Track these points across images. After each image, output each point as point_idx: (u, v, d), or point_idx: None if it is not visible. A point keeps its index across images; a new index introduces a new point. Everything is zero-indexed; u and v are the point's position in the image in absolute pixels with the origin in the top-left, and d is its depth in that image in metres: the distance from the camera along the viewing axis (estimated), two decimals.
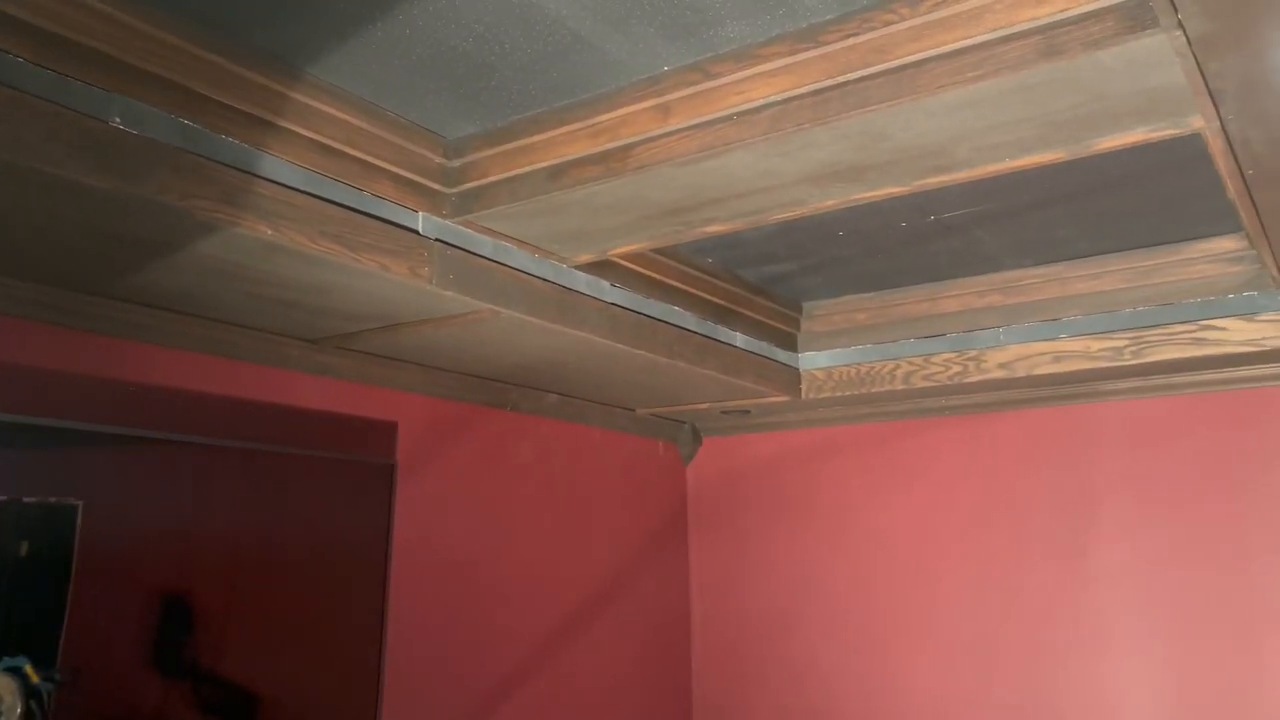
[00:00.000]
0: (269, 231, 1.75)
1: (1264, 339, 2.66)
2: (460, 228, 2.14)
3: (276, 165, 1.79)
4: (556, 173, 1.97)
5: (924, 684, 3.44)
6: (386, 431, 2.77)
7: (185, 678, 2.43)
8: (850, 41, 1.65)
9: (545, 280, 2.37)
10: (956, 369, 3.08)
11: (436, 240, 2.09)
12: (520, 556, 3.20)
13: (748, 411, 3.69)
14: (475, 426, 3.08)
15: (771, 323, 3.22)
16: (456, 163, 2.09)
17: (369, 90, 1.90)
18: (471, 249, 2.17)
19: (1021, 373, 2.97)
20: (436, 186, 2.08)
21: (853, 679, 3.58)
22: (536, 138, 1.98)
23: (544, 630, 3.25)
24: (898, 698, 3.48)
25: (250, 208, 1.73)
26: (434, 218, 2.08)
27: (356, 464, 2.67)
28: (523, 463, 3.25)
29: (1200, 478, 3.08)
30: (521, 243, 2.28)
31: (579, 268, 2.47)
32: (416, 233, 2.05)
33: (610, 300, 2.58)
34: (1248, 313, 2.67)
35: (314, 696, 2.68)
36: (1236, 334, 2.69)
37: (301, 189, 1.83)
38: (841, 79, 1.66)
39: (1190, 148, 2.08)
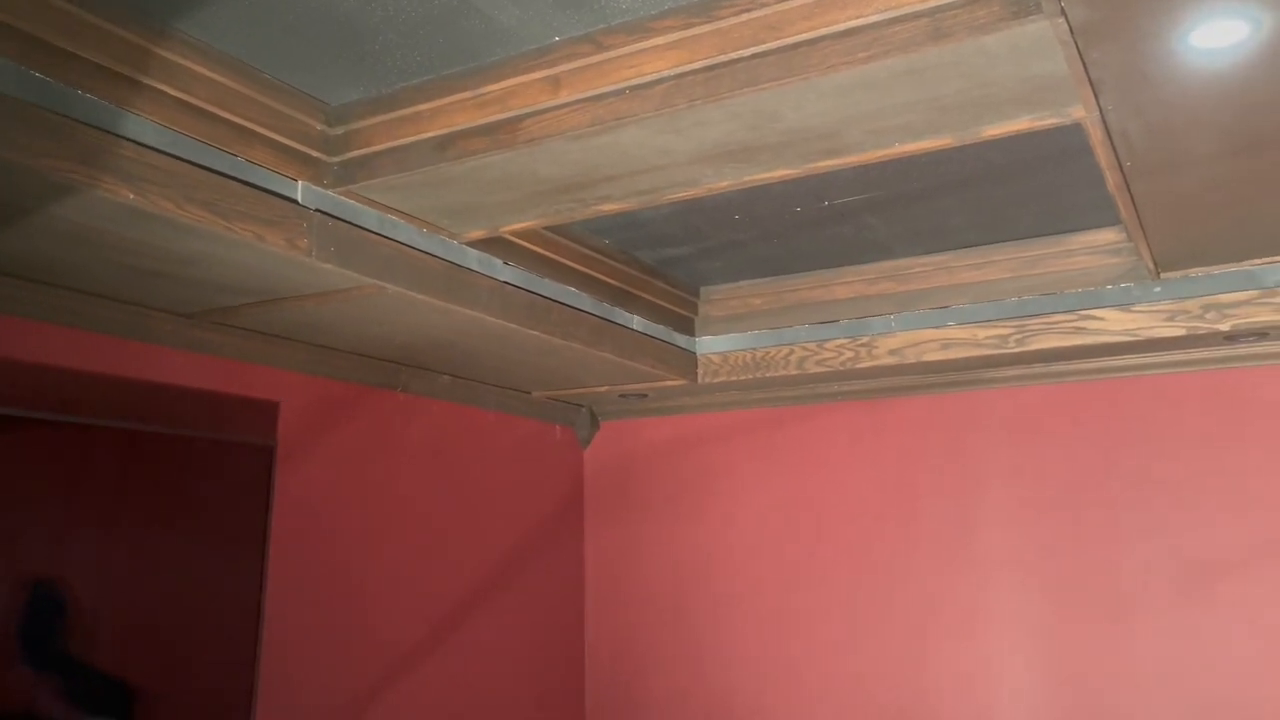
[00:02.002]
0: (131, 195, 1.64)
1: (1139, 329, 2.75)
2: (342, 198, 2.06)
3: (140, 125, 1.69)
4: (444, 144, 1.91)
5: (816, 665, 3.49)
6: (267, 411, 2.66)
7: (55, 669, 2.31)
8: (744, 17, 1.63)
9: (434, 256, 2.30)
10: (849, 355, 3.12)
11: (316, 211, 2.00)
12: (410, 542, 3.12)
13: (645, 395, 3.67)
14: (363, 407, 2.99)
15: (669, 306, 3.21)
16: (339, 130, 2.01)
17: (244, 50, 1.80)
18: (355, 221, 2.08)
19: (911, 359, 3.02)
20: (317, 155, 2.00)
21: (746, 661, 3.60)
22: (423, 107, 1.91)
23: (434, 617, 3.18)
24: (790, 679, 3.52)
25: (110, 169, 1.62)
26: (314, 187, 2.00)
27: (234, 445, 2.56)
28: (413, 446, 3.17)
29: (1077, 463, 3.19)
30: (409, 216, 2.20)
31: (470, 244, 2.40)
32: (295, 202, 1.96)
33: (503, 279, 2.52)
34: (1124, 303, 2.76)
35: (189, 687, 2.58)
36: (1114, 324, 2.78)
37: (168, 151, 1.72)
38: (734, 55, 1.64)
39: (1074, 139, 2.13)
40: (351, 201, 2.08)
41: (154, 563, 2.48)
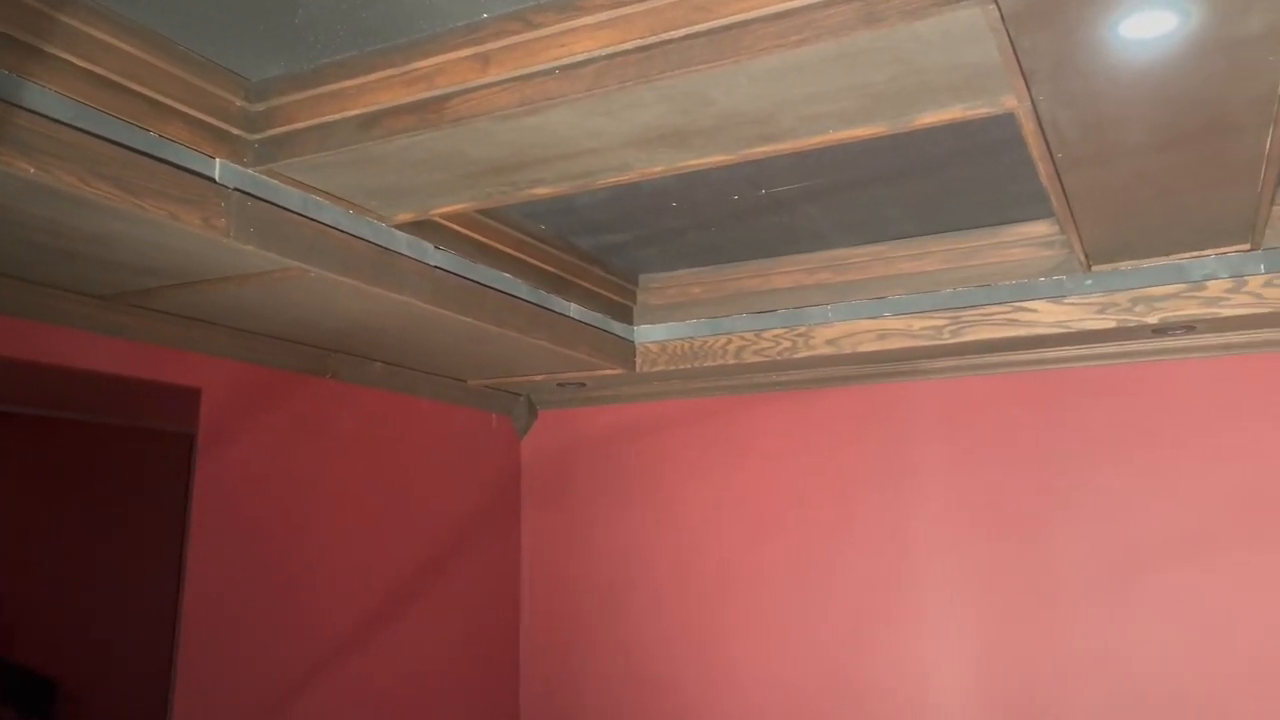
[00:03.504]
0: (31, 169, 1.56)
1: (1070, 321, 2.78)
2: (264, 177, 1.99)
3: (42, 96, 1.60)
4: (369, 122, 1.85)
5: (751, 654, 3.49)
6: (187, 398, 2.57)
7: None
8: None
9: (361, 239, 2.23)
10: (786, 344, 3.11)
11: (235, 190, 1.92)
12: (340, 533, 3.05)
13: (584, 384, 3.64)
14: (291, 395, 2.91)
15: (607, 294, 3.17)
16: (260, 106, 1.93)
17: (159, 21, 1.72)
18: (276, 201, 2.01)
19: (848, 349, 3.02)
20: (237, 131, 1.92)
21: (681, 651, 3.59)
22: (347, 83, 1.85)
23: (364, 608, 3.12)
24: (726, 667, 3.52)
25: (8, 141, 1.54)
26: (233, 165, 1.92)
27: (152, 433, 2.47)
28: (344, 434, 3.10)
29: (1010, 454, 3.22)
30: (334, 197, 2.14)
31: (399, 227, 2.34)
32: (213, 180, 1.88)
33: (434, 263, 2.46)
34: (1056, 296, 2.79)
35: (107, 681, 2.50)
36: (1046, 316, 2.80)
37: (72, 124, 1.64)
38: (665, 36, 1.61)
39: (1009, 130, 2.14)
40: (273, 181, 2.01)
41: (69, 554, 2.40)
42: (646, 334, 3.33)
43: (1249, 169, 2.03)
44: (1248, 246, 2.56)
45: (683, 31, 1.59)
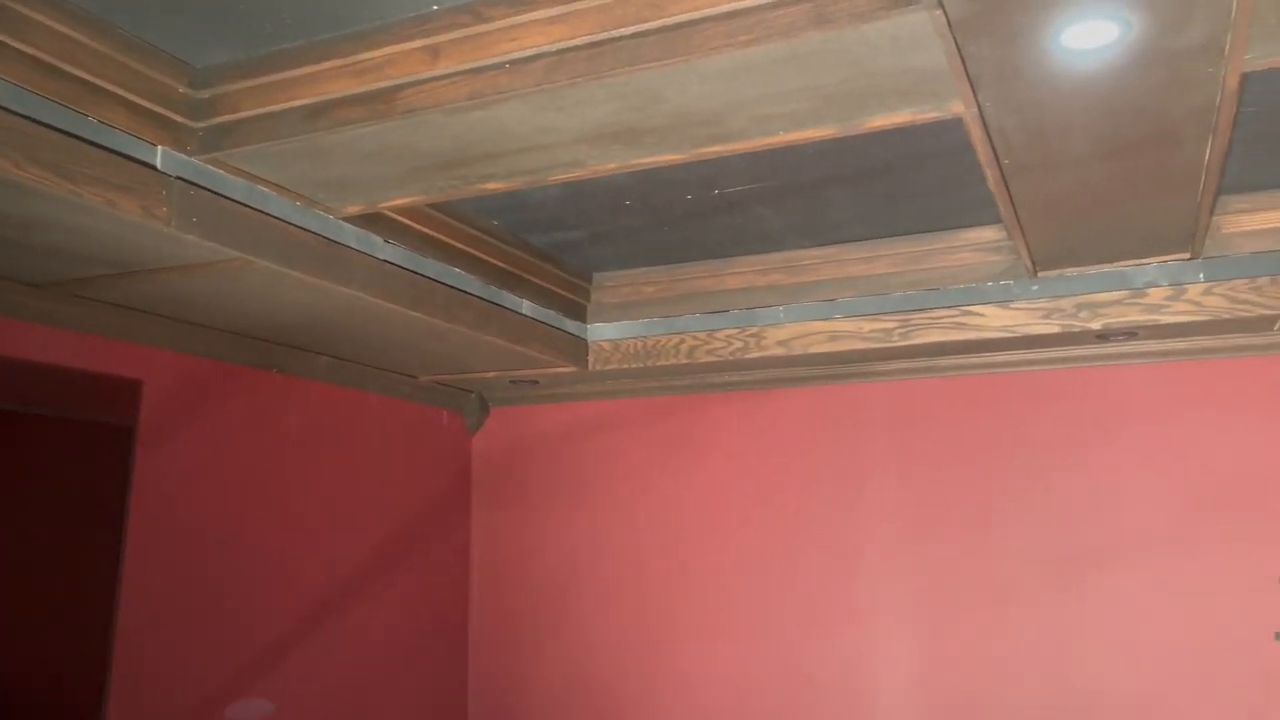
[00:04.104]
0: None
1: (1016, 325, 2.82)
2: (208, 166, 1.95)
3: None
4: (316, 112, 1.82)
5: (700, 652, 3.49)
6: (127, 390, 2.52)
7: None
8: None
9: (308, 231, 2.20)
10: (738, 345, 3.12)
11: (178, 178, 1.89)
12: (284, 530, 3.01)
13: (536, 382, 3.62)
14: (235, 388, 2.86)
15: (560, 291, 3.16)
16: (204, 94, 1.90)
17: (97, 3, 1.68)
18: (220, 190, 1.98)
19: (799, 350, 3.04)
20: (180, 119, 1.88)
21: (630, 649, 3.59)
22: (295, 72, 1.82)
23: (309, 607, 3.08)
24: (676, 666, 3.52)
25: None
26: (175, 153, 1.88)
27: (90, 426, 2.42)
28: (289, 429, 3.06)
29: (957, 456, 3.26)
30: (281, 188, 2.10)
31: (347, 220, 2.31)
32: (154, 168, 1.85)
33: (383, 257, 2.43)
34: (1003, 300, 2.83)
35: (42, 679, 2.45)
36: (993, 320, 2.84)
37: (8, 108, 1.60)
38: (616, 33, 1.60)
39: (959, 136, 2.16)
40: (217, 170, 1.97)
41: (7, 545, 2.34)
42: (599, 332, 3.32)
43: (1188, 179, 2.07)
44: (1188, 255, 2.61)
45: (633, 29, 1.59)
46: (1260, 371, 2.98)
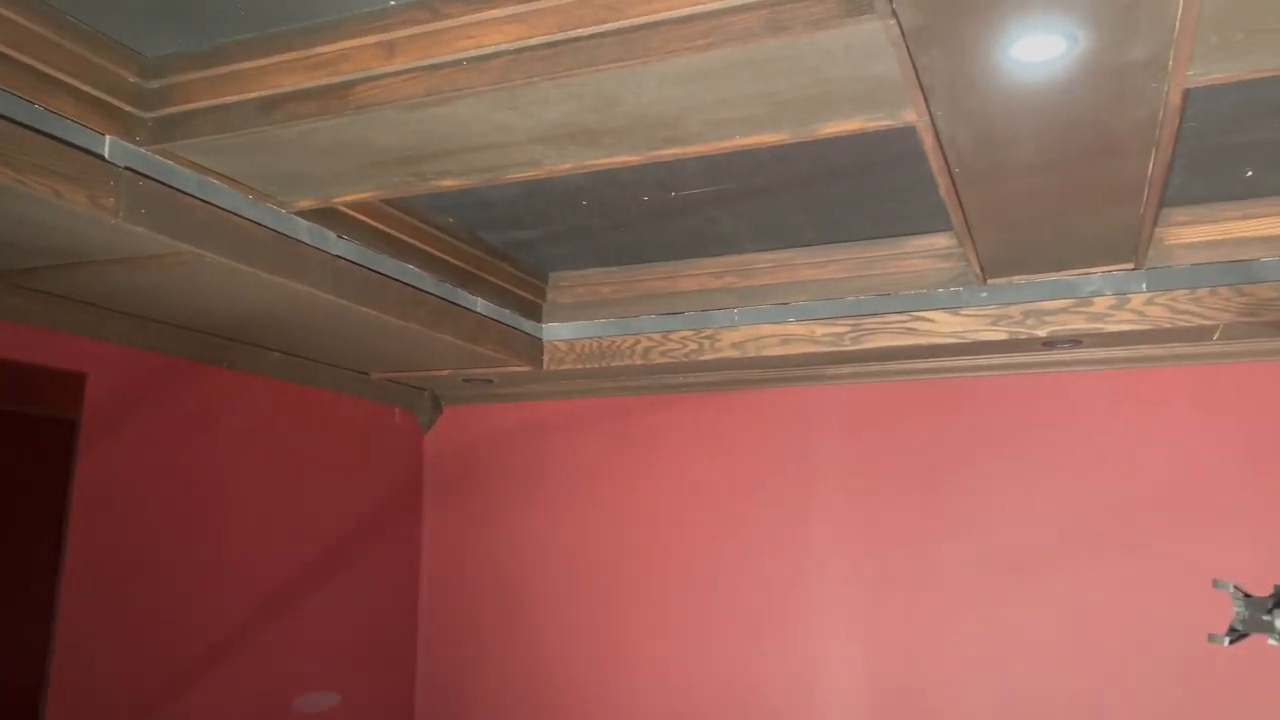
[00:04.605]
0: None
1: (965, 332, 2.86)
2: (157, 157, 1.92)
3: None
4: (269, 105, 1.80)
5: (648, 652, 3.51)
6: (71, 383, 2.47)
7: None
8: None
9: (260, 225, 2.18)
10: (693, 346, 3.14)
11: (126, 169, 1.86)
12: (231, 527, 2.97)
13: (490, 381, 3.61)
14: (183, 383, 2.82)
15: (515, 290, 3.15)
16: (155, 84, 1.87)
17: None
18: (170, 182, 1.95)
19: (752, 353, 3.06)
20: (129, 109, 1.86)
21: (580, 649, 3.59)
22: (247, 65, 1.80)
23: (255, 605, 3.04)
24: (626, 667, 3.53)
25: None
26: (124, 143, 1.85)
27: (32, 419, 2.37)
28: (239, 426, 3.01)
29: (904, 459, 3.30)
30: (233, 181, 2.08)
31: (300, 214, 2.29)
32: (101, 158, 1.81)
33: (336, 252, 2.41)
34: (953, 307, 2.87)
35: None
36: (943, 326, 2.88)
37: None
38: (574, 34, 1.61)
39: (912, 143, 2.19)
40: (167, 161, 1.94)
41: None
42: (555, 332, 3.32)
43: (1132, 191, 2.12)
44: (1131, 266, 2.68)
45: (591, 30, 1.60)
46: (1198, 380, 3.06)
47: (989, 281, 2.82)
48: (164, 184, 1.94)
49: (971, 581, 3.18)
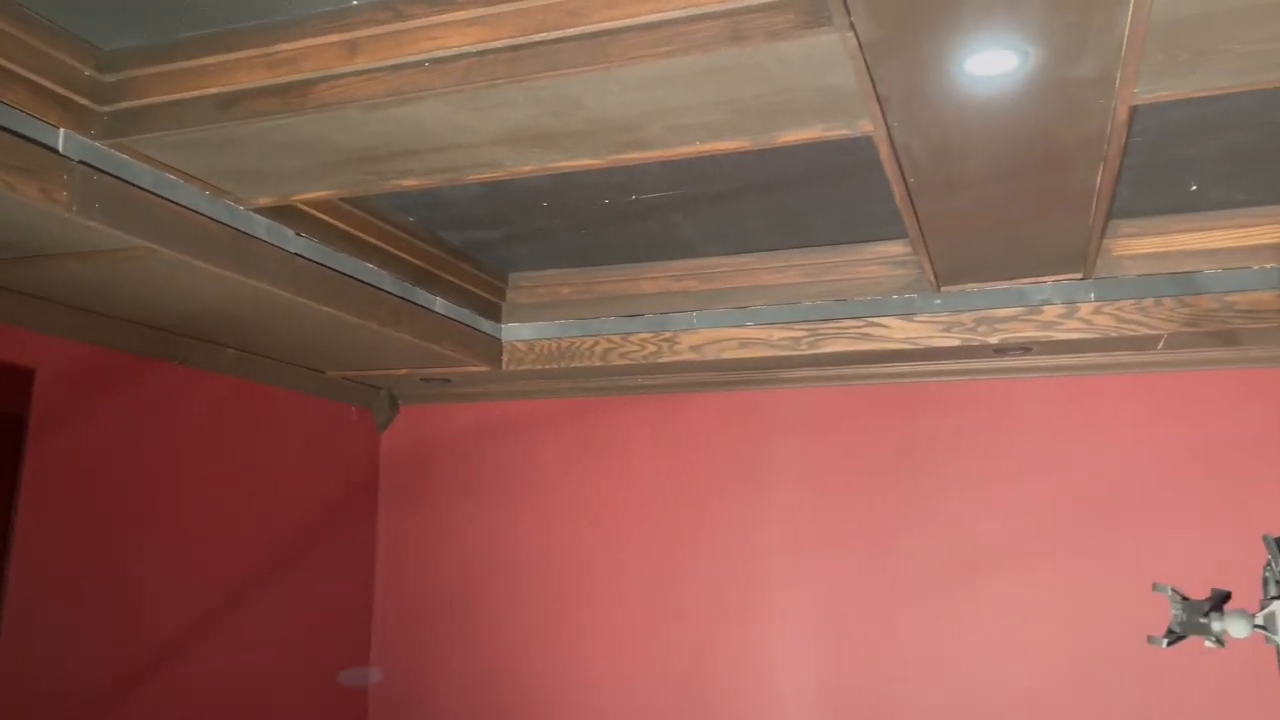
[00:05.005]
0: None
1: (919, 338, 2.91)
2: (112, 151, 1.90)
3: None
4: (228, 102, 1.79)
5: (604, 654, 3.52)
6: (19, 378, 2.43)
7: None
8: (547, 0, 1.60)
9: (216, 221, 2.16)
10: (652, 349, 3.16)
11: (80, 163, 1.84)
12: (182, 525, 2.93)
13: (448, 380, 3.60)
14: (135, 379, 2.78)
15: (474, 290, 3.15)
16: (111, 78, 1.85)
17: None
18: (125, 176, 1.93)
19: (710, 356, 3.09)
20: (85, 102, 1.83)
21: (535, 651, 3.59)
22: (207, 60, 1.79)
23: (205, 605, 3.01)
24: (582, 668, 3.54)
25: None
26: (79, 136, 1.83)
27: None
28: (191, 422, 2.98)
29: (858, 463, 3.35)
30: (189, 177, 2.06)
31: (258, 211, 2.28)
32: (55, 151, 1.79)
33: (294, 250, 2.40)
34: (907, 313, 2.92)
35: None
36: (897, 332, 2.93)
37: None
38: (536, 38, 1.62)
39: (869, 152, 2.22)
40: (123, 155, 1.92)
41: None
42: (514, 332, 3.32)
43: (1081, 203, 2.18)
44: (1080, 275, 2.74)
45: (554, 34, 1.61)
46: (1143, 388, 3.13)
47: (942, 289, 2.87)
48: (119, 178, 1.92)
49: (924, 582, 3.24)
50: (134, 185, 1.95)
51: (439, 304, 2.99)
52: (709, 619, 3.43)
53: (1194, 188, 2.47)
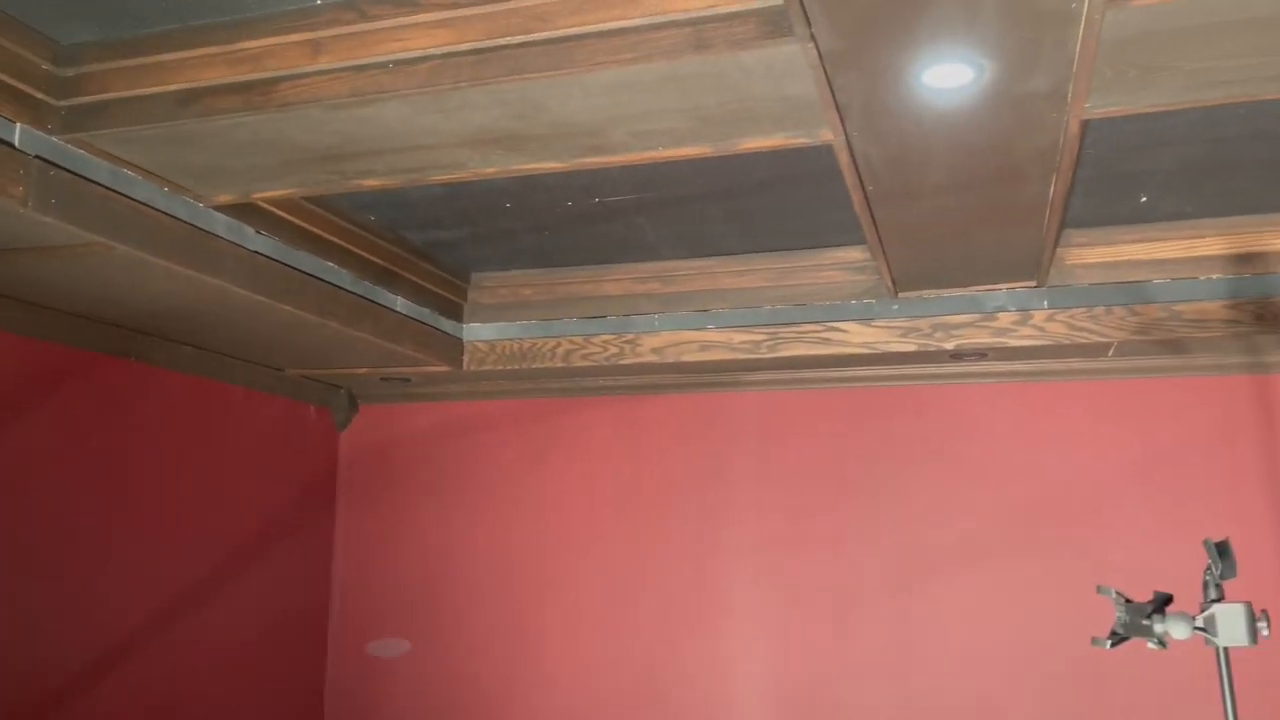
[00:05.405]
0: None
1: (877, 343, 2.95)
2: (70, 147, 1.88)
3: None
4: (188, 98, 1.78)
5: (563, 654, 3.52)
6: None
7: None
8: (513, 4, 1.61)
9: (175, 218, 2.14)
10: (614, 350, 3.17)
11: (37, 157, 1.82)
12: (135, 523, 2.90)
13: (409, 380, 3.58)
14: (90, 376, 2.75)
15: (436, 290, 3.14)
16: (69, 72, 1.83)
17: None
18: (82, 172, 1.91)
19: (671, 358, 3.11)
20: (42, 96, 1.81)
21: (493, 651, 3.59)
22: (167, 56, 1.78)
23: (160, 606, 2.97)
24: (538, 669, 3.54)
25: None
26: (35, 131, 1.81)
27: None
28: (147, 420, 2.95)
29: (815, 466, 3.39)
30: (148, 173, 2.04)
31: (217, 208, 2.26)
32: (11, 145, 1.77)
33: (253, 248, 2.38)
34: (865, 318, 2.96)
35: None
36: (855, 337, 2.97)
37: None
38: (502, 42, 1.63)
39: (829, 160, 2.26)
40: (80, 151, 1.91)
41: None
42: (476, 332, 3.32)
43: (1034, 213, 2.23)
44: (1034, 283, 2.80)
45: (519, 39, 1.62)
46: (1093, 394, 3.20)
47: (900, 295, 2.91)
48: (76, 174, 1.90)
49: (878, 584, 3.28)
50: (91, 181, 1.93)
51: (400, 303, 2.99)
52: (667, 620, 3.45)
53: (1144, 200, 2.53)
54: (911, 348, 2.94)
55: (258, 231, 2.40)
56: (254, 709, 3.34)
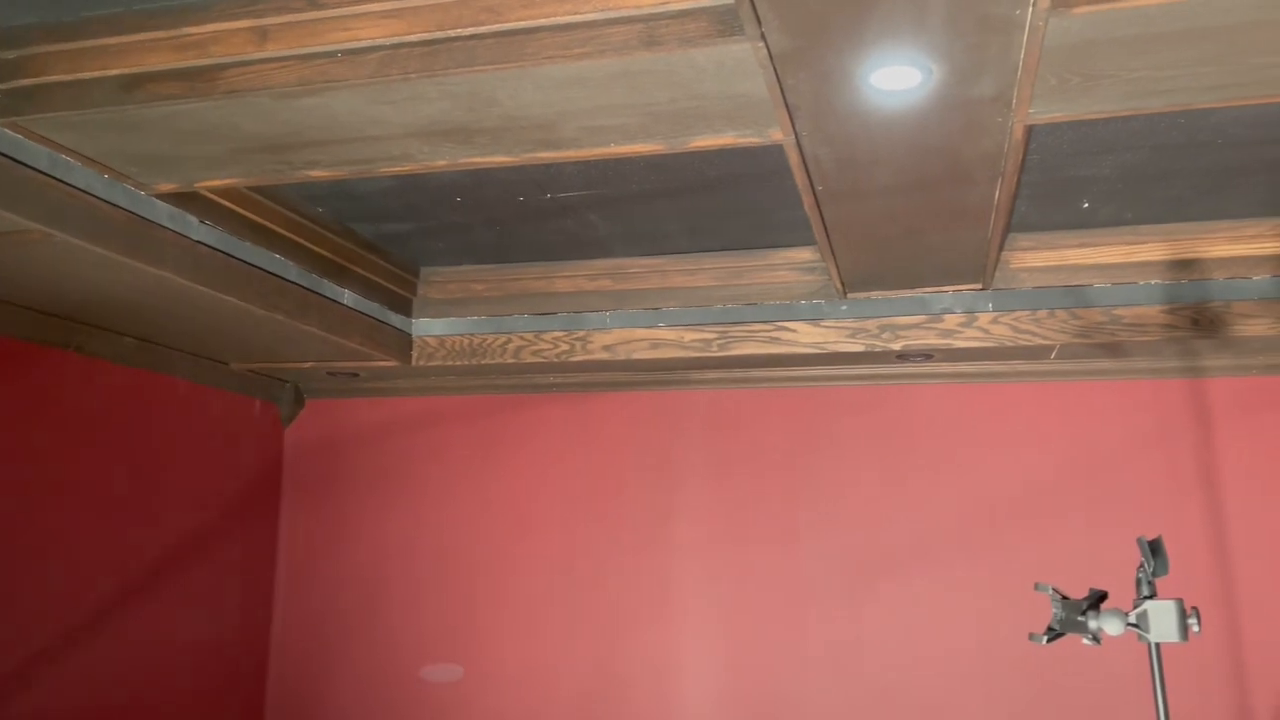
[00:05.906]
0: None
1: (825, 343, 2.98)
2: (7, 131, 1.84)
3: None
4: (131, 84, 1.75)
5: (511, 651, 3.51)
6: None
7: None
8: None
9: (115, 206, 2.10)
10: (565, 347, 3.16)
11: None
12: (71, 519, 2.83)
13: (356, 374, 3.54)
14: (25, 366, 2.68)
15: (385, 284, 3.11)
16: (9, 55, 1.78)
17: None
18: (19, 157, 1.86)
19: (623, 356, 3.11)
20: None
21: (441, 648, 3.57)
22: (110, 41, 1.74)
23: (98, 604, 2.91)
24: (484, 666, 3.52)
25: None
26: None
27: None
28: (85, 413, 2.88)
29: (765, 464, 3.41)
30: (88, 160, 2.00)
31: (160, 197, 2.22)
32: None
33: (197, 238, 2.34)
34: (814, 318, 2.98)
35: None
36: (804, 337, 2.99)
37: None
38: (452, 33, 1.61)
39: (780, 160, 2.27)
40: (17, 135, 1.86)
41: None
42: (425, 327, 3.29)
43: (980, 216, 2.26)
44: (979, 286, 2.84)
45: (470, 31, 1.61)
46: (1036, 396, 3.26)
47: (849, 295, 2.94)
48: (12, 159, 1.85)
49: (827, 583, 3.31)
50: (28, 166, 1.89)
51: (348, 297, 2.95)
52: (618, 617, 3.45)
53: (1086, 205, 2.59)
54: (859, 348, 2.97)
55: (202, 221, 2.35)
56: (194, 706, 3.28)
